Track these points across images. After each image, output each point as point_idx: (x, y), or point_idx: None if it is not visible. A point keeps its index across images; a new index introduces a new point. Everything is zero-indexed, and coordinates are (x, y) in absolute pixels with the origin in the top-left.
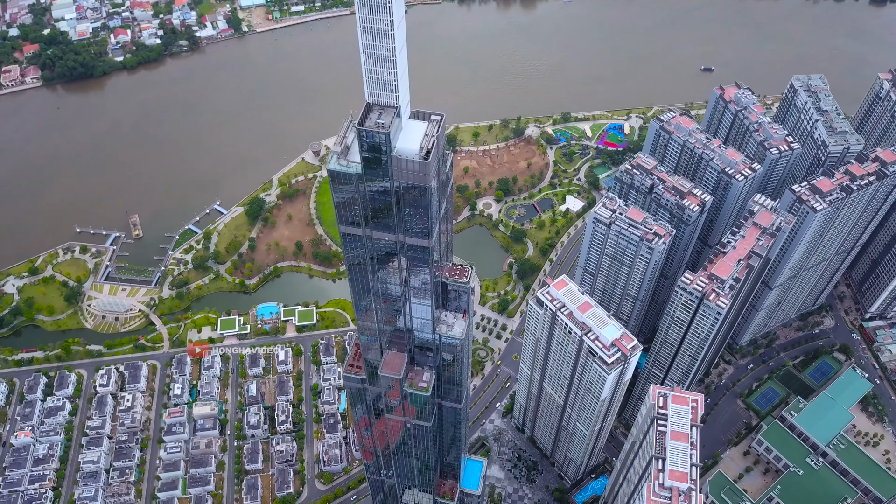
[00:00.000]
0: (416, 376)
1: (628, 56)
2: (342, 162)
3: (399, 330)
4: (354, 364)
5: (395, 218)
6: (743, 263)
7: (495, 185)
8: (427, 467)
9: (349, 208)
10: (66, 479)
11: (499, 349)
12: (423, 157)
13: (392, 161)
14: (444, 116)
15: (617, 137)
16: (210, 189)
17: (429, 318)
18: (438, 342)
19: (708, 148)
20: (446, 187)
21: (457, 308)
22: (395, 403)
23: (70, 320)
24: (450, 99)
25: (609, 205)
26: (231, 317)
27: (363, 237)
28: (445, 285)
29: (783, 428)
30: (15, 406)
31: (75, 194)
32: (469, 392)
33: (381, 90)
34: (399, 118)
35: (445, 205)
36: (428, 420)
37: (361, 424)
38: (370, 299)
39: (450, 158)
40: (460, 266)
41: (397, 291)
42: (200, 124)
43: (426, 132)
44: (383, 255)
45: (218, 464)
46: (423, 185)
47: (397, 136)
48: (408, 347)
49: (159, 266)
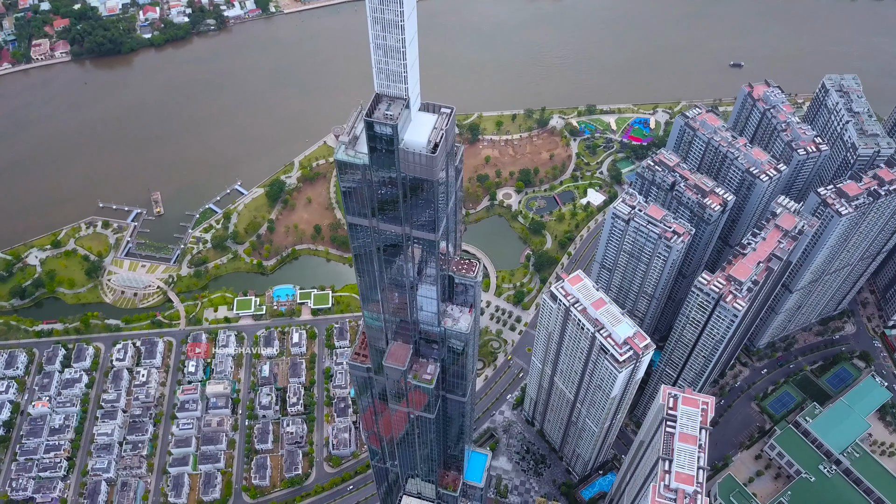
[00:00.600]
0: (421, 368)
1: (656, 48)
2: (350, 152)
3: (405, 321)
4: (360, 353)
5: (402, 210)
6: (762, 266)
7: (516, 176)
8: (430, 458)
9: (356, 199)
10: (80, 450)
11: (512, 341)
12: (430, 151)
13: (399, 153)
14: (454, 110)
15: (642, 132)
16: (232, 169)
17: (434, 311)
18: (444, 335)
19: (733, 146)
20: (456, 181)
21: (463, 302)
22: (399, 394)
23: (90, 294)
24: (474, 87)
25: (629, 201)
26: (247, 297)
27: (370, 228)
28: (452, 279)
29: (797, 433)
30: (34, 376)
31: (99, 169)
32: (475, 386)
33: (391, 81)
34: (408, 110)
35: (454, 198)
36: (431, 412)
37: (367, 413)
38: (376, 289)
39: (460, 152)
40: (468, 260)
41: (403, 283)
42: (225, 104)
43: (435, 125)
44: (390, 247)
45: (229, 442)
46: (430, 179)
47: (406, 128)
48: (413, 339)
49: (179, 244)
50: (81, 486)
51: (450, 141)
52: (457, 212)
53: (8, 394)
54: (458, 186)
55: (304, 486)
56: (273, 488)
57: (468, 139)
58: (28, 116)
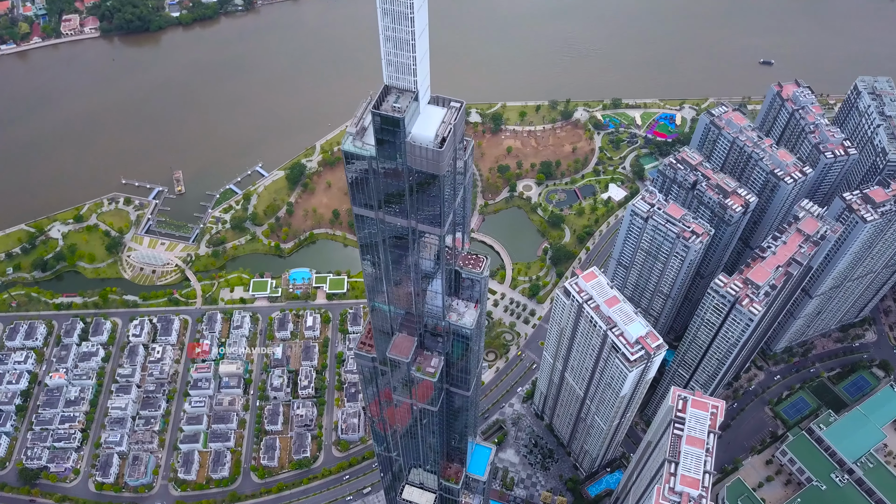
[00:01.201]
0: (425, 361)
1: (686, 43)
2: (357, 143)
3: (410, 313)
4: (366, 342)
5: (408, 203)
6: (781, 270)
7: (537, 168)
8: (432, 450)
9: (362, 190)
10: (94, 423)
11: (525, 334)
12: (437, 145)
13: (406, 146)
14: (463, 104)
15: (667, 128)
16: (253, 150)
17: (439, 305)
18: (449, 329)
19: (758, 147)
20: (464, 176)
21: (469, 297)
22: (403, 386)
23: (109, 269)
24: (499, 77)
25: (648, 198)
26: (264, 279)
27: (375, 220)
28: (459, 273)
29: (810, 440)
30: (52, 348)
31: (123, 146)
32: (480, 380)
33: (400, 73)
34: (417, 102)
35: (463, 193)
36: (435, 405)
37: (373, 402)
38: (381, 280)
39: (470, 146)
40: (475, 255)
41: (408, 275)
42: (249, 85)
43: (444, 119)
44: (396, 238)
45: (239, 422)
46: (436, 174)
47: (413, 122)
48: (418, 332)
49: (198, 223)
50: (94, 457)
51: (458, 135)
52: (465, 206)
53: (26, 364)
54: (468, 181)
55: (311, 468)
56: (281, 469)
57: (491, 129)
58: (55, 91)
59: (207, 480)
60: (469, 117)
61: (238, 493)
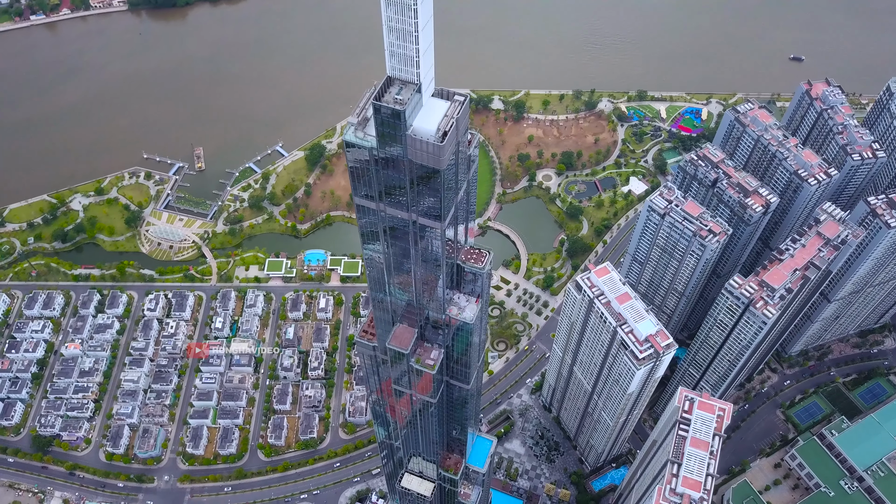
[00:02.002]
0: (425, 353)
1: (715, 36)
2: (359, 134)
3: (412, 304)
4: (368, 331)
5: (409, 196)
6: (799, 274)
7: (558, 158)
8: (431, 440)
9: (363, 181)
10: (107, 394)
11: (537, 325)
12: (438, 139)
13: (407, 140)
14: (467, 98)
15: (693, 122)
16: (274, 130)
17: (439, 298)
18: (449, 323)
19: (783, 146)
20: (468, 170)
21: (471, 292)
22: (402, 377)
23: (128, 243)
24: (524, 64)
25: (666, 195)
26: (279, 259)
27: (376, 211)
28: (461, 268)
29: (820, 446)
30: (69, 318)
31: (146, 121)
32: (481, 374)
33: (403, 65)
34: (419, 95)
35: (466, 187)
36: (433, 397)
37: (375, 389)
38: (382, 271)
39: (475, 140)
40: (478, 250)
41: (408, 267)
42: (273, 64)
43: (447, 112)
44: (396, 229)
45: (248, 399)
46: (437, 168)
47: (415, 114)
48: (419, 323)
49: (217, 200)
50: (105, 428)
51: (461, 130)
52: (470, 200)
53: (43, 333)
54: (472, 175)
55: (317, 449)
56: (287, 448)
57: (513, 116)
58: (82, 63)
59: (215, 456)
60: (491, 104)
61: (244, 470)
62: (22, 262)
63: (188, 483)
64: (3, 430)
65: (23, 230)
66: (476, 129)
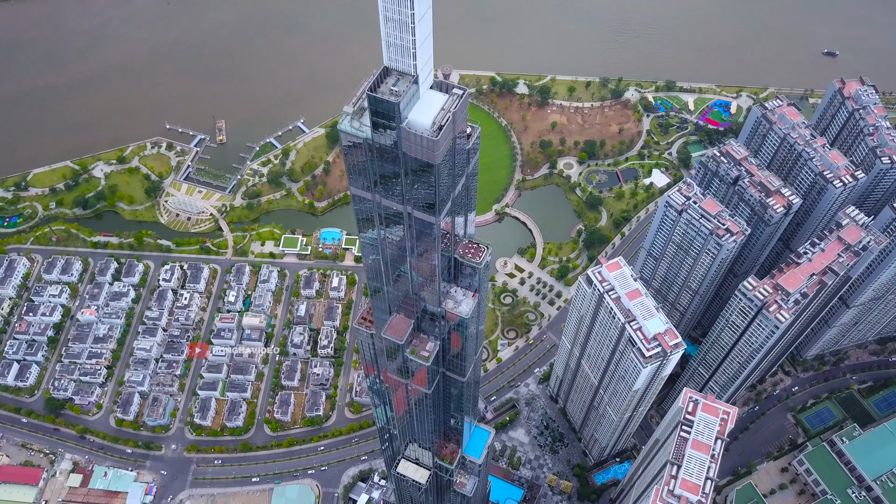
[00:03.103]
0: (420, 344)
1: (749, 27)
2: (354, 123)
3: (409, 295)
4: (367, 318)
5: (403, 189)
6: (815, 279)
7: (581, 146)
8: (426, 429)
9: (358, 171)
10: (119, 361)
11: (549, 315)
12: (433, 134)
13: (401, 132)
14: (466, 91)
15: (721, 116)
16: (296, 106)
17: (436, 291)
18: (444, 316)
19: (810, 146)
20: (468, 164)
21: (469, 286)
22: (397, 366)
23: (147, 212)
24: (551, 48)
25: (685, 191)
26: (295, 235)
27: (371, 201)
28: (459, 261)
29: (830, 452)
30: (86, 284)
31: (170, 91)
32: (480, 367)
33: (400, 55)
34: (416, 87)
35: (465, 181)
36: (428, 388)
37: (368, 374)
38: (378, 259)
39: (476, 133)
40: (476, 244)
41: (404, 258)
42: (299, 39)
43: (443, 106)
44: (391, 220)
45: (257, 374)
46: (431, 163)
47: (411, 107)
48: (415, 314)
49: (236, 174)
50: (117, 394)
51: (458, 124)
52: (469, 194)
53: (61, 298)
54: (471, 169)
55: (322, 427)
56: (293, 425)
57: (537, 102)
58: (109, 32)
59: (222, 428)
60: (516, 88)
61: (250, 444)
62: (43, 226)
63: (194, 453)
64: (18, 392)
65: (45, 195)
66: (499, 112)
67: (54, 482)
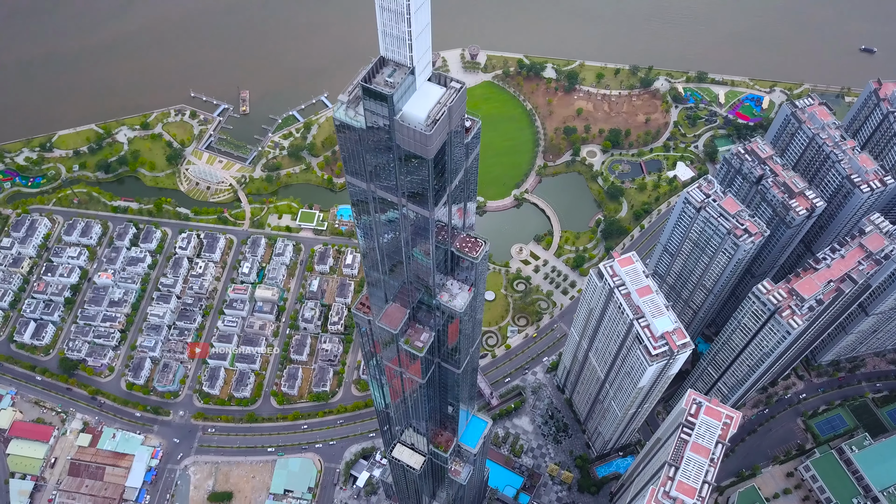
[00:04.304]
0: (415, 334)
1: (785, 19)
2: (350, 112)
3: (405, 285)
4: (365, 303)
5: (397, 181)
6: (833, 286)
7: (605, 134)
8: (420, 416)
9: (353, 159)
10: (133, 326)
11: (561, 304)
12: (427, 128)
13: (394, 125)
14: (464, 85)
15: (752, 110)
16: (321, 79)
17: (431, 283)
18: (439, 308)
19: (839, 147)
20: (465, 157)
21: (466, 279)
22: (393, 354)
23: (167, 179)
24: (581, 33)
25: (705, 188)
26: (312, 210)
27: (366, 191)
28: (455, 254)
29: (837, 460)
30: (104, 248)
31: (196, 59)
32: (477, 359)
33: (396, 46)
34: (413, 78)
35: (462, 175)
36: (422, 378)
37: (365, 359)
38: (373, 245)
39: (476, 127)
40: (474, 238)
41: (399, 247)
42: (328, 11)
43: (440, 100)
44: (386, 209)
45: (267, 346)
46: (424, 157)
47: (406, 99)
48: (411, 304)
49: (257, 146)
50: (129, 358)
51: (454, 119)
52: (469, 188)
53: (79, 260)
54: (470, 164)
55: (328, 402)
56: (299, 398)
57: (564, 87)
58: None
59: (229, 397)
60: (543, 72)
61: (256, 415)
62: (65, 188)
63: (201, 420)
64: (34, 350)
65: (69, 157)
66: (525, 96)
67: (64, 440)
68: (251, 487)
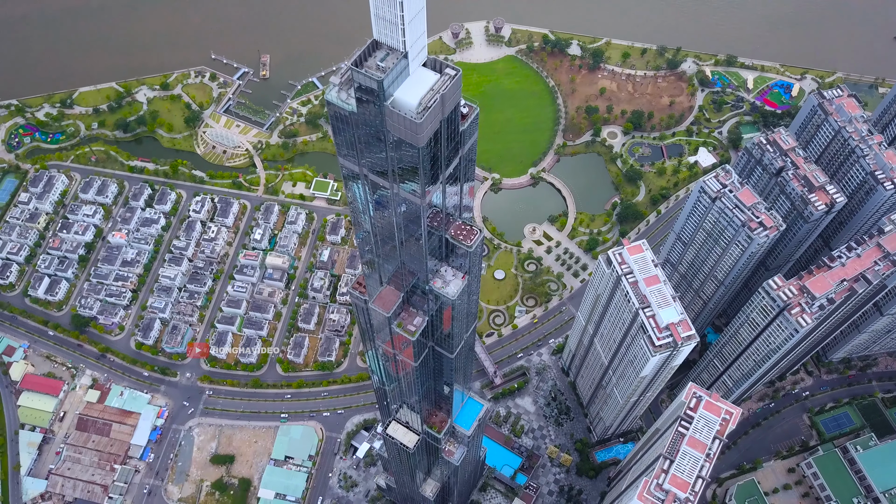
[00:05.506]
0: (408, 318)
1: (822, 3)
2: (342, 95)
3: (400, 268)
4: (362, 283)
5: (388, 167)
6: (846, 285)
7: (628, 116)
8: (414, 396)
9: (344, 142)
10: (144, 286)
11: (571, 287)
12: (417, 115)
13: (385, 111)
14: (459, 72)
15: (781, 97)
16: (343, 47)
17: (424, 268)
18: (432, 293)
19: (865, 142)
20: (460, 146)
21: (460, 266)
22: (386, 336)
23: (184, 141)
24: (609, 10)
25: (722, 178)
26: (326, 180)
27: (358, 174)
28: (449, 241)
29: (841, 459)
30: (119, 207)
31: (219, 21)
32: (472, 344)
33: (389, 30)
34: (406, 62)
35: (458, 162)
36: (415, 361)
37: (363, 338)
38: (367, 228)
39: (473, 114)
40: (469, 226)
41: (392, 231)
42: None
43: (433, 87)
44: (378, 191)
45: (275, 314)
46: (414, 145)
47: (399, 84)
48: (405, 288)
49: (275, 112)
50: (139, 318)
51: (447, 106)
52: (465, 174)
53: (94, 218)
54: (467, 151)
55: (333, 372)
56: (305, 367)
57: (588, 65)
58: None
59: (235, 362)
60: (568, 48)
61: (260, 381)
62: (84, 146)
63: (207, 383)
64: (47, 305)
65: (88, 115)
66: (548, 72)
67: (73, 395)
68: (253, 452)
